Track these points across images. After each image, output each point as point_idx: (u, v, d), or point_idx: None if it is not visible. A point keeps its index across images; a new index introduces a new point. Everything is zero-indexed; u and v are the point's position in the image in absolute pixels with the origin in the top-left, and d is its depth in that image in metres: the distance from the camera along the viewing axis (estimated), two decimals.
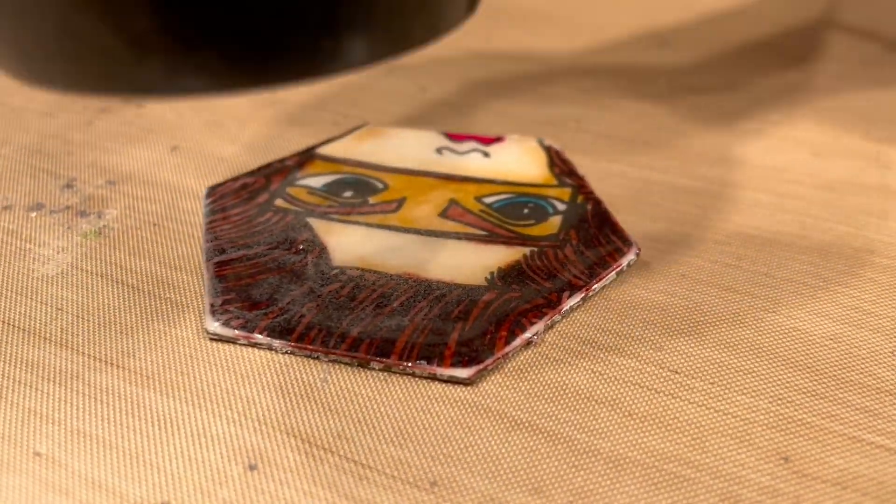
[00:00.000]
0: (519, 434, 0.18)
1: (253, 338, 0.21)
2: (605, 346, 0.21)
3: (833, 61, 0.34)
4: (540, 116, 0.31)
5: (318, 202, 0.26)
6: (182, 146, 0.29)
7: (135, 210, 0.26)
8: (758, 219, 0.25)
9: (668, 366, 0.20)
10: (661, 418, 0.19)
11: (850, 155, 0.28)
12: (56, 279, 0.23)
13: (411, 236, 0.24)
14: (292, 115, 0.31)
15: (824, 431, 0.18)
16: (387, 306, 0.22)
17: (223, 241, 0.24)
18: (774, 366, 0.20)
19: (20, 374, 0.20)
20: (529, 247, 0.24)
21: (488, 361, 0.20)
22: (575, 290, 0.22)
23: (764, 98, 0.31)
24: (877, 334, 0.21)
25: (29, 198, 0.26)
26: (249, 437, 0.18)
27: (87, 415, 0.19)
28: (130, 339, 0.21)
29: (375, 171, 0.27)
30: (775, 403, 0.19)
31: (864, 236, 0.24)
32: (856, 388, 0.19)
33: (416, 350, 0.20)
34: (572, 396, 0.19)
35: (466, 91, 0.32)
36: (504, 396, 0.19)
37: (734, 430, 0.18)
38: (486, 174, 0.27)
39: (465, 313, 0.21)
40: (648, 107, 0.31)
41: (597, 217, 0.25)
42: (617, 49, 0.35)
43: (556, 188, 0.26)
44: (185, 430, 0.18)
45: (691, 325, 0.21)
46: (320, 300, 0.22)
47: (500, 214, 0.25)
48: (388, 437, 0.18)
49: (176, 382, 0.20)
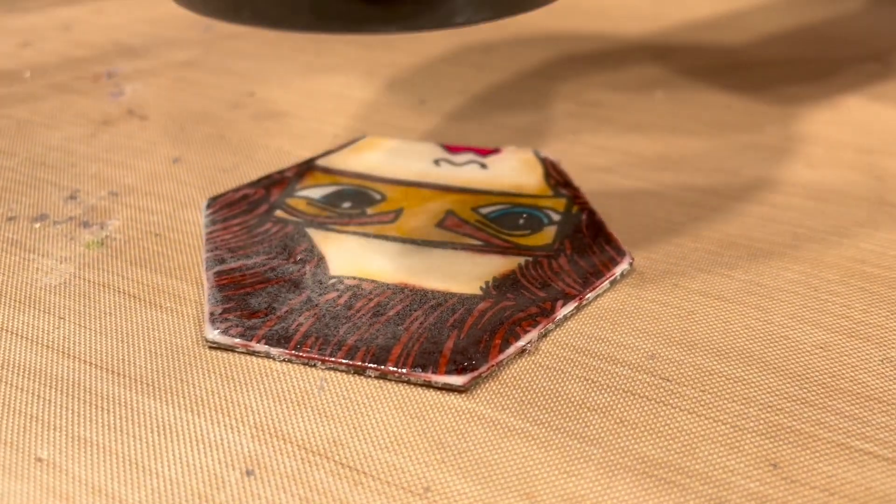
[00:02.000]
0: (512, 441, 0.19)
1: (251, 346, 0.21)
2: (598, 354, 0.21)
3: (828, 74, 0.34)
4: (537, 128, 0.31)
5: (317, 213, 0.26)
6: (184, 158, 0.29)
7: (137, 221, 0.26)
8: (750, 229, 0.25)
9: (660, 374, 0.20)
10: (652, 426, 0.19)
11: (844, 166, 0.28)
12: (58, 289, 0.23)
13: (408, 246, 0.24)
14: (292, 127, 0.31)
15: (813, 438, 0.19)
16: (383, 315, 0.22)
17: (223, 250, 0.24)
18: (764, 374, 0.20)
19: (22, 382, 0.20)
20: (524, 256, 0.24)
21: (482, 369, 0.20)
22: (569, 299, 0.22)
23: (758, 110, 0.32)
24: (866, 343, 0.21)
25: (33, 209, 0.27)
26: (247, 443, 0.19)
27: (87, 421, 0.19)
28: (131, 347, 0.21)
29: (373, 183, 0.27)
30: (765, 411, 0.19)
31: (855, 246, 0.24)
32: (844, 395, 0.20)
33: (411, 357, 0.21)
34: (565, 404, 0.20)
35: (465, 103, 0.33)
36: (498, 404, 0.20)
37: (724, 437, 0.19)
38: (483, 185, 0.27)
39: (460, 322, 0.22)
40: (645, 118, 0.31)
41: (591, 227, 0.25)
42: (616, 62, 0.36)
43: (551, 199, 0.27)
44: (184, 436, 0.19)
45: (683, 334, 0.21)
46: (318, 309, 0.22)
47: (496, 225, 0.25)
48: (383, 444, 0.19)
49: (175, 390, 0.20)
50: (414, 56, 0.37)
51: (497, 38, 0.39)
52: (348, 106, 0.33)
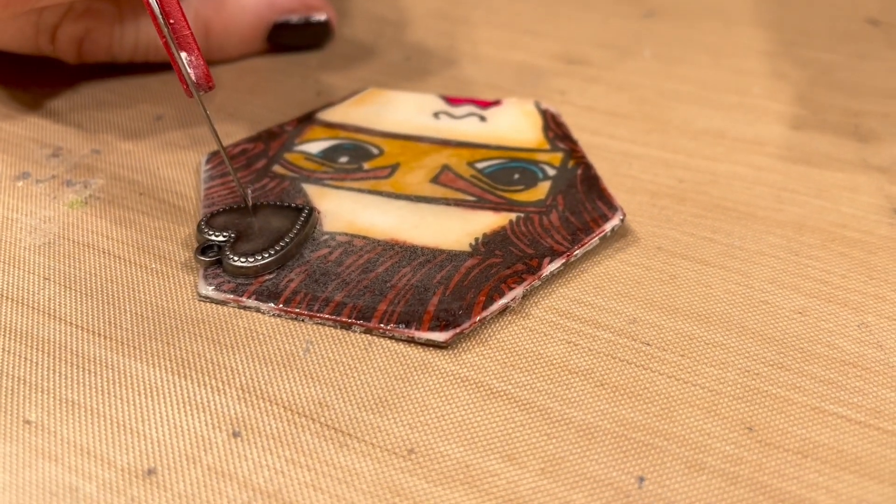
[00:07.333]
0: (495, 403, 0.19)
1: (242, 301, 0.21)
2: (581, 317, 0.21)
3: (814, 34, 0.34)
4: (525, 89, 0.31)
5: (315, 168, 0.26)
6: (167, 115, 0.29)
7: (121, 179, 0.26)
8: (735, 192, 0.25)
9: (641, 338, 0.21)
10: (631, 389, 0.19)
11: (829, 128, 0.28)
12: (42, 249, 0.23)
13: (401, 202, 0.25)
14: (277, 84, 0.31)
15: (788, 402, 0.19)
16: (372, 272, 0.22)
17: (220, 206, 0.24)
18: (743, 339, 0.20)
19: (9, 344, 0.20)
20: (516, 213, 0.24)
21: (465, 325, 0.20)
22: (556, 256, 0.22)
23: (746, 70, 0.32)
24: (844, 308, 0.21)
25: (15, 167, 0.26)
26: (233, 405, 0.19)
27: (75, 384, 0.19)
28: (116, 308, 0.21)
29: (372, 137, 0.27)
30: (742, 375, 0.20)
31: (837, 210, 0.25)
32: (820, 360, 0.20)
33: (396, 314, 0.21)
34: (547, 366, 0.20)
35: (452, 61, 0.32)
36: (482, 366, 0.20)
37: (702, 400, 0.19)
38: (481, 139, 0.27)
39: (446, 279, 0.22)
40: (633, 79, 0.31)
41: (585, 182, 0.25)
42: (604, 19, 0.35)
43: (547, 153, 0.27)
44: (171, 398, 0.19)
45: (665, 298, 0.22)
46: (308, 265, 0.22)
47: (491, 180, 0.25)
48: (368, 406, 0.19)
49: (161, 352, 0.20)
50: (397, 12, 0.36)
51: None
52: (337, 61, 0.32)
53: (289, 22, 0.32)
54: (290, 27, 0.32)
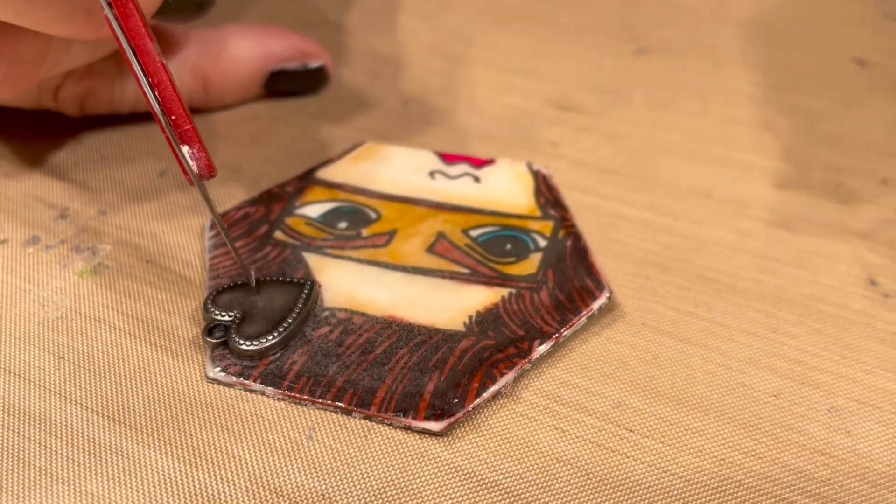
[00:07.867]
0: (487, 494, 0.20)
1: (248, 385, 0.22)
2: (569, 401, 0.22)
3: (802, 76, 0.35)
4: (519, 140, 0.31)
5: (315, 234, 0.27)
6: (171, 170, 0.30)
7: (127, 245, 0.27)
8: (718, 261, 0.26)
9: (625, 424, 0.22)
10: (614, 479, 0.21)
11: (812, 186, 0.29)
12: (56, 324, 0.24)
13: (398, 274, 0.26)
14: (277, 135, 0.32)
15: (759, 493, 0.20)
16: (371, 353, 0.23)
17: (224, 279, 0.25)
18: (721, 425, 0.22)
19: (30, 431, 0.22)
20: (508, 288, 0.25)
21: (459, 415, 0.22)
22: (546, 338, 0.24)
23: (734, 118, 0.32)
24: (816, 390, 0.23)
25: (24, 231, 0.27)
26: (242, 497, 0.20)
27: (93, 474, 0.21)
28: (130, 391, 0.23)
29: (370, 199, 0.28)
30: (718, 465, 0.21)
31: (815, 281, 0.26)
32: (791, 447, 0.21)
33: (394, 402, 0.22)
34: (536, 455, 0.21)
35: (448, 108, 0.33)
36: (475, 454, 0.21)
37: (679, 491, 0.20)
38: (475, 203, 0.28)
39: (442, 362, 0.23)
40: (623, 128, 0.32)
41: (574, 255, 0.26)
42: (597, 56, 0.36)
43: (539, 220, 0.28)
44: (184, 490, 0.20)
45: (648, 381, 0.23)
46: (311, 346, 0.23)
47: (484, 250, 0.26)
48: (369, 498, 0.20)
49: (173, 440, 0.21)
50: (394, 47, 0.37)
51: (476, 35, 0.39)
52: (334, 107, 0.33)
53: (285, 70, 0.32)
54: (287, 74, 0.32)
